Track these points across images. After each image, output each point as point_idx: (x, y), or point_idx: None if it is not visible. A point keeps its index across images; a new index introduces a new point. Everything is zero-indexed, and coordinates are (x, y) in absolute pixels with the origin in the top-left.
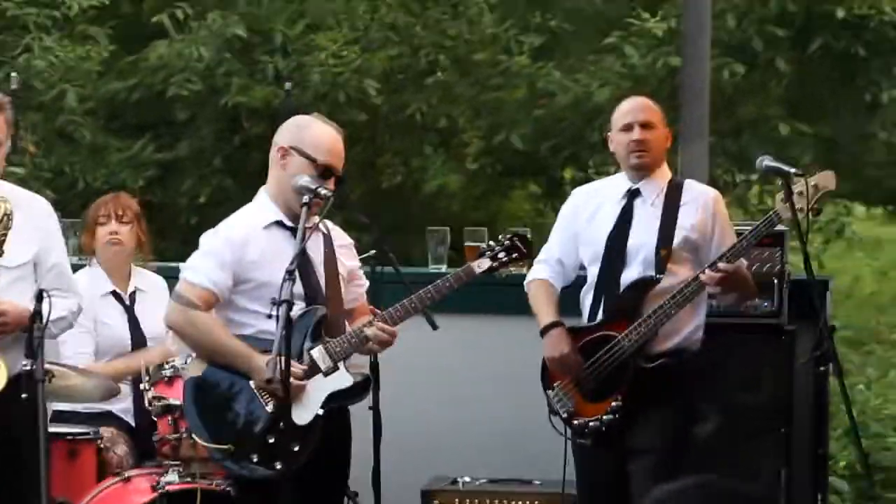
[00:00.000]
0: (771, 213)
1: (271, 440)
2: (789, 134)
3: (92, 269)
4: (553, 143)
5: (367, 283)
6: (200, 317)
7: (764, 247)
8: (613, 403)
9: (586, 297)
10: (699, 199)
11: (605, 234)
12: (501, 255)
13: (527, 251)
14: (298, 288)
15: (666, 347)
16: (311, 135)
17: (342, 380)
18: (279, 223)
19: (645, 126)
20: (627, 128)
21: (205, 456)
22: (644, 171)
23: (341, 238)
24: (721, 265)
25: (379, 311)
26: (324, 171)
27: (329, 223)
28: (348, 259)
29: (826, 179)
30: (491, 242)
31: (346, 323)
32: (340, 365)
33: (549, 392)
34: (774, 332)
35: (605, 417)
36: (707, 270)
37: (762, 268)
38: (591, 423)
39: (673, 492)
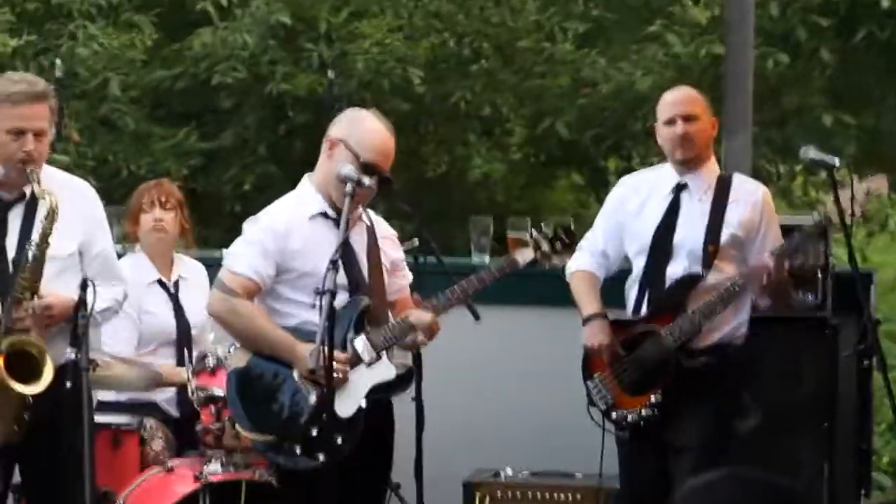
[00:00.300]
0: (822, 217)
1: (314, 432)
2: (833, 125)
3: (136, 256)
4: (596, 133)
5: (410, 276)
6: (242, 305)
7: None
8: (653, 398)
9: (631, 290)
10: (749, 196)
11: (651, 227)
12: (545, 246)
13: (570, 242)
14: (342, 278)
15: (709, 343)
16: (361, 131)
17: (385, 371)
18: (323, 214)
19: (688, 119)
20: (671, 121)
21: (248, 446)
22: (689, 164)
23: (385, 230)
24: (767, 259)
25: (422, 302)
26: (366, 168)
27: (373, 214)
28: (392, 250)
29: (878, 183)
30: (535, 233)
31: (390, 314)
32: (383, 356)
33: (589, 382)
34: (818, 325)
35: (643, 411)
36: (753, 264)
37: (807, 260)
38: (629, 416)
39: (705, 483)
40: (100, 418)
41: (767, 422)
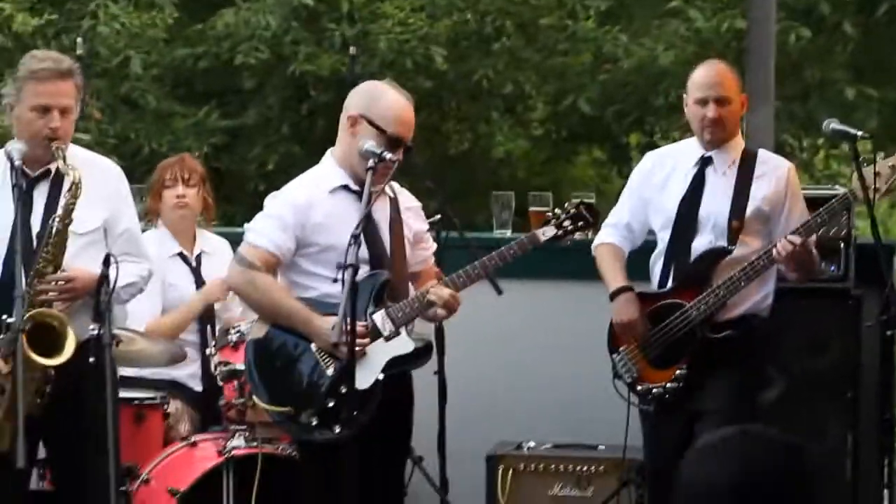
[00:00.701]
0: (846, 192)
1: (331, 404)
2: (856, 97)
3: (158, 231)
4: (618, 108)
5: (434, 246)
6: (261, 278)
7: None
8: (678, 371)
9: (656, 264)
10: (774, 172)
11: (675, 201)
12: (567, 223)
13: (593, 220)
14: (363, 252)
15: (734, 315)
16: (381, 104)
17: (403, 345)
18: (345, 187)
19: (720, 102)
20: (702, 102)
21: (269, 420)
22: (717, 144)
23: (409, 200)
24: (795, 238)
25: (443, 277)
26: (392, 141)
27: (396, 185)
28: (415, 222)
29: None
30: (557, 210)
31: (412, 286)
32: (402, 330)
33: (615, 356)
34: (841, 296)
35: (668, 385)
36: (780, 243)
37: (829, 232)
38: (654, 390)
39: (719, 439)
40: (123, 393)
41: (791, 391)
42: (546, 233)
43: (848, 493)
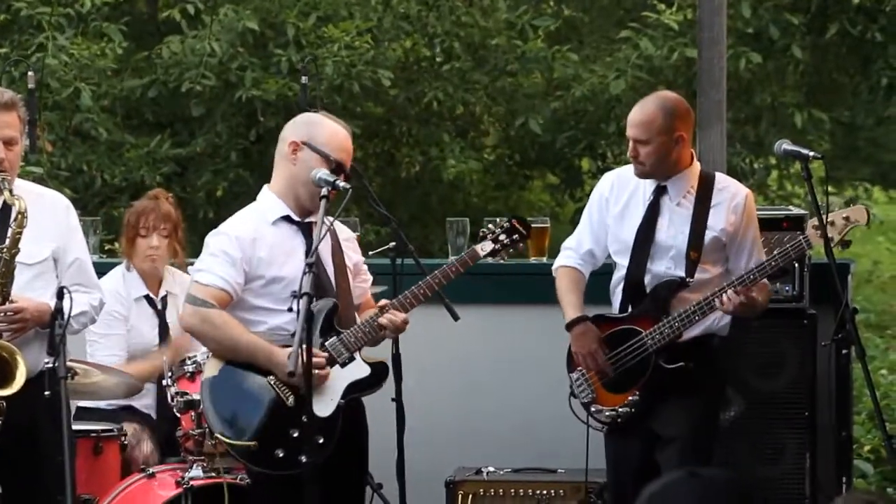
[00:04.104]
0: (800, 237)
1: (295, 434)
2: (806, 122)
3: (128, 272)
4: (570, 135)
5: (371, 279)
6: (218, 315)
7: (785, 231)
8: (631, 397)
9: (616, 290)
10: (731, 199)
11: (632, 229)
12: (502, 237)
13: (526, 232)
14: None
15: (692, 336)
16: (322, 131)
17: (359, 369)
18: (286, 218)
19: (638, 142)
20: (629, 139)
21: (227, 451)
22: (644, 178)
23: (344, 232)
24: (741, 292)
25: (390, 302)
26: (336, 168)
27: (329, 217)
28: (353, 253)
29: (858, 213)
30: (490, 225)
31: (356, 315)
32: (356, 355)
33: (572, 375)
34: (796, 315)
35: (620, 409)
36: (726, 295)
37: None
38: (607, 413)
39: (658, 490)
40: (80, 425)
41: (748, 412)
42: (484, 248)
43: None
